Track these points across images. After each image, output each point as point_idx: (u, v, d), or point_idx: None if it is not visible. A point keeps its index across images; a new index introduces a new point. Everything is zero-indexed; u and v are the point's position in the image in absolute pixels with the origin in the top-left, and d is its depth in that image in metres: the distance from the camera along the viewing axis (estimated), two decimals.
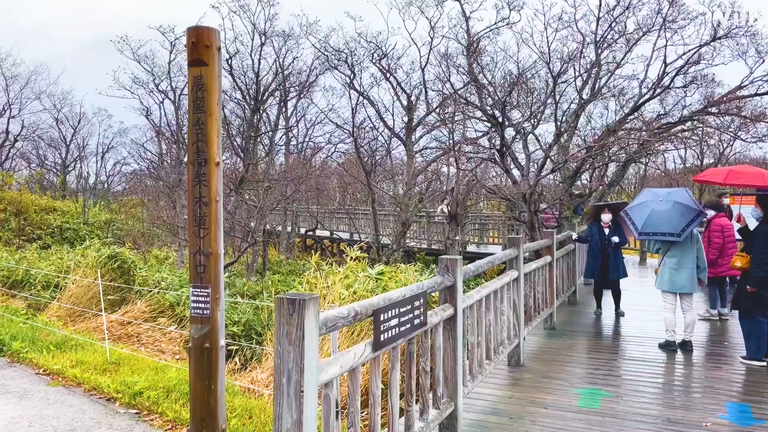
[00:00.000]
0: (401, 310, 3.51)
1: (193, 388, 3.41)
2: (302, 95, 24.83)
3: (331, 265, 9.94)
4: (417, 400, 3.96)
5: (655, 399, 5.30)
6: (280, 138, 26.66)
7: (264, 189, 17.22)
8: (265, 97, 22.24)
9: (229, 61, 21.52)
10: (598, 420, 4.78)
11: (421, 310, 3.76)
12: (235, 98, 23.07)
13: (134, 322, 10.09)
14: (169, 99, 25.97)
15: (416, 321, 3.69)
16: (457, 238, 17.75)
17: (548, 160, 13.14)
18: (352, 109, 21.35)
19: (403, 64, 28.36)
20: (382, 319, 3.29)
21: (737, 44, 12.93)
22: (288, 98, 24.77)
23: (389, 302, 3.38)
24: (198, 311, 3.41)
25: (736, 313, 6.83)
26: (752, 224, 6.59)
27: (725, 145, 28.79)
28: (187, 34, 3.47)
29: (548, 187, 17.40)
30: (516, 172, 14.11)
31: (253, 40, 22.04)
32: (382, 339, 3.28)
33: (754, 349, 6.23)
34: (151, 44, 51.71)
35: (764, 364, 6.20)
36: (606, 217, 8.83)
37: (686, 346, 6.92)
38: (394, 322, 3.41)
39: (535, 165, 13.38)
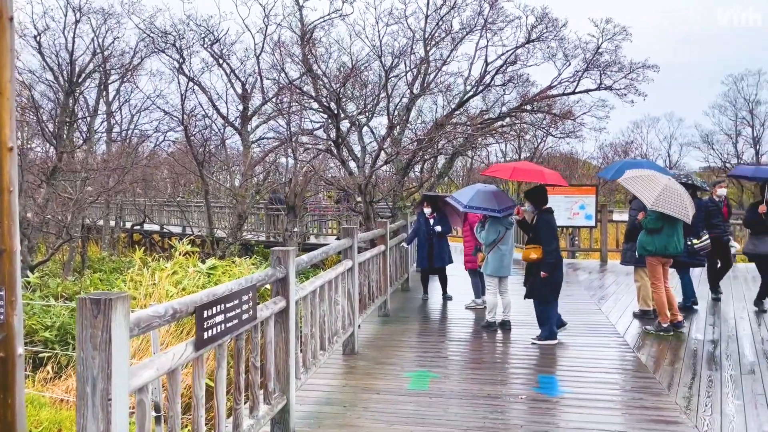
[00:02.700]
0: (228, 305, 3.35)
1: None
2: (125, 79, 23.02)
3: (159, 261, 9.35)
4: (248, 398, 3.82)
5: (478, 376, 5.64)
6: (101, 124, 24.54)
7: (81, 180, 15.73)
8: (81, 80, 20.26)
9: (38, 38, 19.34)
10: (427, 401, 4.98)
11: (250, 304, 3.63)
12: (47, 80, 20.79)
13: None
14: None
15: (245, 316, 3.55)
16: (296, 229, 17.64)
17: (382, 152, 13.49)
18: (182, 95, 20.21)
19: (236, 51, 27.31)
20: (205, 315, 3.11)
21: (548, 47, 14.23)
22: (109, 81, 22.82)
23: (214, 298, 3.20)
24: None
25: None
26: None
27: (539, 140, 31.69)
28: None
29: (383, 179, 17.91)
30: (352, 164, 14.33)
31: (66, 15, 19.99)
32: (205, 337, 3.10)
33: (547, 333, 6.75)
34: None
35: (556, 341, 6.77)
36: (426, 210, 9.21)
37: (505, 326, 7.45)
38: (219, 318, 3.24)
39: (370, 157, 13.68)
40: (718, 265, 9.14)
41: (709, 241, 8.09)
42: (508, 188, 34.44)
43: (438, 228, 9.11)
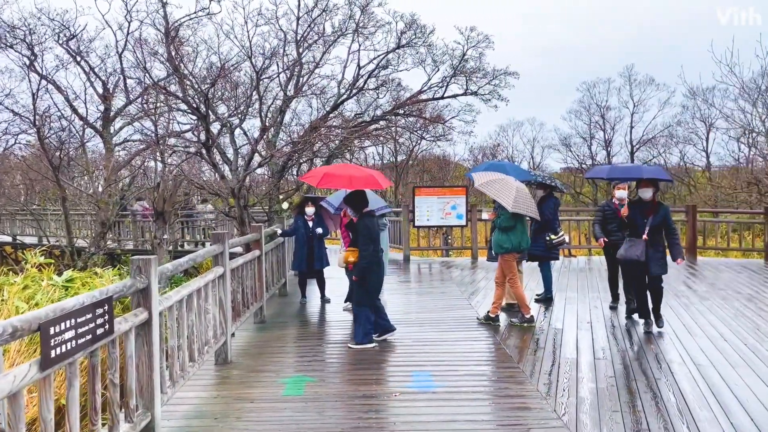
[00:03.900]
0: (79, 320, 3.10)
1: None
2: None
3: (7, 275, 8.52)
4: (106, 418, 3.57)
5: (355, 377, 5.67)
6: None
7: None
8: None
9: None
10: (302, 406, 4.93)
11: (106, 317, 3.39)
12: None
13: None
14: None
15: (99, 331, 3.31)
16: (166, 236, 16.81)
17: (256, 154, 13.22)
18: (33, 95, 18.54)
19: (96, 48, 25.60)
20: (52, 332, 2.86)
21: (417, 53, 14.67)
22: None
23: (62, 312, 2.96)
24: None
25: None
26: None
27: (414, 143, 32.61)
28: None
29: (259, 182, 17.57)
30: (227, 167, 13.90)
31: None
32: (52, 355, 2.85)
33: (362, 335, 6.73)
34: None
35: (375, 344, 6.76)
36: (309, 210, 9.18)
37: None
38: (69, 334, 3.00)
39: (244, 160, 13.36)
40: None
41: (564, 237, 8.69)
42: (387, 191, 35.13)
43: (319, 230, 9.08)
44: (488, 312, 7.75)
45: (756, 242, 14.60)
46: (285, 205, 12.84)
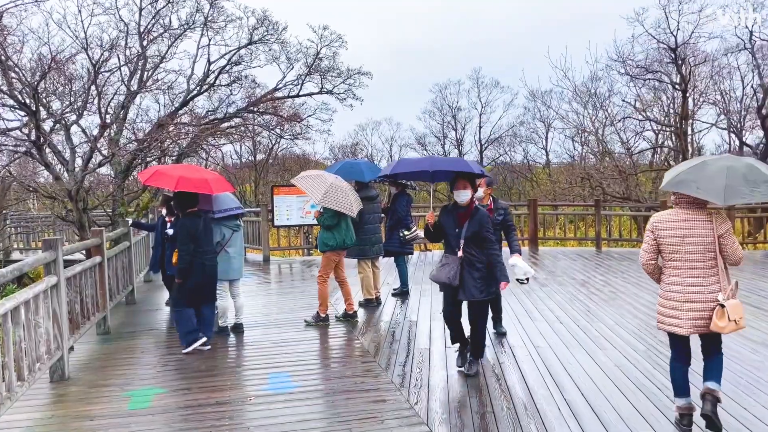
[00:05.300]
0: None
1: None
2: None
3: None
4: None
5: (207, 385, 5.45)
6: None
7: None
8: None
9: None
10: (149, 419, 4.65)
11: None
12: None
13: None
14: None
15: None
16: None
17: (96, 153, 12.26)
18: None
19: None
20: None
21: (270, 50, 14.44)
22: None
23: None
24: None
25: None
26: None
27: (273, 142, 32.11)
28: None
29: (102, 183, 16.33)
30: (62, 168, 12.76)
31: None
32: None
33: (184, 333, 6.61)
34: None
35: (203, 342, 6.59)
36: (163, 210, 8.69)
37: (239, 329, 7.35)
38: None
39: (82, 159, 12.33)
40: None
41: (418, 232, 9.00)
42: (244, 191, 34.28)
43: (170, 231, 8.61)
44: (345, 310, 7.82)
45: (589, 232, 16.07)
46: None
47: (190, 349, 6.48)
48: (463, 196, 5.36)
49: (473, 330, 5.54)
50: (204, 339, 6.59)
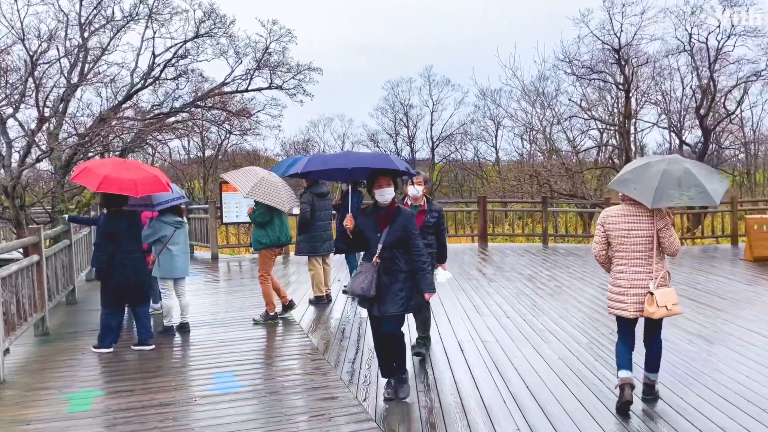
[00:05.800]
0: None
1: None
2: None
3: None
4: None
5: (151, 386, 5.31)
6: None
7: None
8: None
9: None
10: (89, 422, 4.50)
11: None
12: None
13: None
14: None
15: None
16: None
17: (34, 148, 11.78)
18: None
19: None
20: None
21: (218, 43, 14.16)
22: None
23: None
24: None
25: None
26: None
27: (223, 137, 31.55)
28: None
29: (42, 179, 15.73)
30: None
31: None
32: None
33: (103, 336, 6.50)
34: None
35: (111, 349, 6.46)
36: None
37: (185, 328, 7.18)
38: None
39: (19, 154, 11.82)
40: None
41: None
42: (193, 187, 33.60)
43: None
44: (266, 310, 7.56)
45: (536, 228, 16.45)
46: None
47: (96, 350, 6.40)
48: (385, 194, 4.67)
49: (386, 349, 4.87)
50: (112, 349, 6.45)
